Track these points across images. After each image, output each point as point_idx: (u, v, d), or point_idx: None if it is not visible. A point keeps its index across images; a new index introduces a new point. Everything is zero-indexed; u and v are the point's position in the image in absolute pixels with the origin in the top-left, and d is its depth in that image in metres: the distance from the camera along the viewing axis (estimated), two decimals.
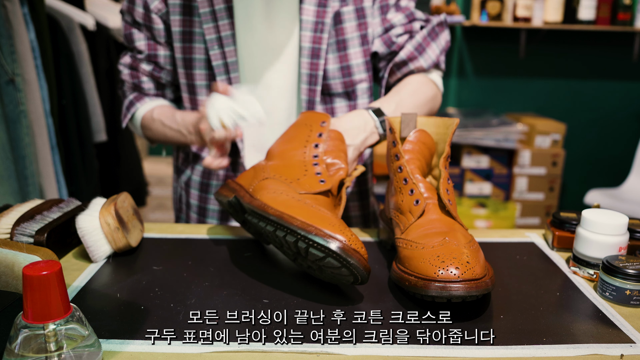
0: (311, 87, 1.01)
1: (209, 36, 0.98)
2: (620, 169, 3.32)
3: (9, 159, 1.28)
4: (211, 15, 0.98)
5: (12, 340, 0.50)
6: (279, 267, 0.78)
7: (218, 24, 0.98)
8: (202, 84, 1.02)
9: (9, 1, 1.28)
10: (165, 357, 0.56)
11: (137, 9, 1.02)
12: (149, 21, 1.02)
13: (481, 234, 0.91)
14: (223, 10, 0.98)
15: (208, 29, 0.98)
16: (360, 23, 1.01)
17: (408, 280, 0.65)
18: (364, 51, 1.02)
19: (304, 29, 0.99)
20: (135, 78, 1.07)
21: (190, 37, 1.00)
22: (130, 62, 1.07)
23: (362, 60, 1.02)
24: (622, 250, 0.73)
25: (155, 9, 1.00)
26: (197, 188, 1.10)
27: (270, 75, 1.02)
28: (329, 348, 0.58)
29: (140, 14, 1.02)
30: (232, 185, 0.82)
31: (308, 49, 0.99)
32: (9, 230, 0.76)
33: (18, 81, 1.29)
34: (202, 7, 0.98)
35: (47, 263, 0.50)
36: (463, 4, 3.16)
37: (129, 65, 1.07)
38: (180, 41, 1.01)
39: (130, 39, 1.05)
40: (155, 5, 1.00)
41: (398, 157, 0.76)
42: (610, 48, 3.22)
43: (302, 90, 1.02)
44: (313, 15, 0.98)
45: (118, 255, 0.80)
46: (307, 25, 0.99)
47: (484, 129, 2.97)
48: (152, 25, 1.02)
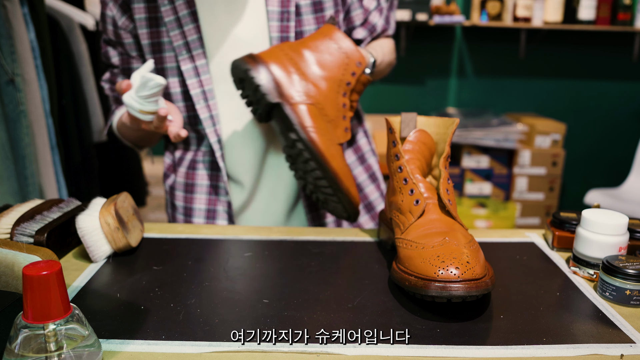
0: None
1: (177, 42, 1.00)
2: (620, 169, 3.33)
3: (9, 159, 1.27)
4: (176, 22, 1.00)
5: (12, 340, 0.50)
6: (279, 267, 0.78)
7: (184, 30, 1.00)
8: (177, 91, 1.03)
9: (9, 1, 1.28)
10: (165, 357, 0.56)
11: (108, 27, 1.05)
12: (119, 37, 1.04)
13: (481, 234, 0.91)
14: (187, 15, 0.99)
15: (175, 36, 1.00)
16: (336, 10, 1.03)
17: (408, 280, 0.65)
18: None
19: (271, 19, 1.00)
20: (114, 91, 1.11)
21: (160, 47, 1.02)
22: (109, 77, 1.11)
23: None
24: (622, 250, 0.73)
25: (123, 25, 1.03)
26: (181, 190, 1.11)
27: None
28: (329, 348, 0.58)
29: (111, 31, 1.05)
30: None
31: (277, 39, 1.00)
32: (9, 230, 0.76)
33: (18, 81, 1.29)
34: (167, 16, 1.00)
35: (47, 263, 0.50)
36: (463, 4, 3.16)
37: (109, 80, 1.11)
38: (150, 52, 1.02)
39: (107, 57, 1.09)
40: (123, 22, 1.03)
41: (398, 157, 0.76)
42: (610, 48, 3.22)
43: None
44: (277, 5, 1.00)
45: (118, 255, 0.80)
46: (274, 15, 1.00)
47: (484, 129, 2.97)
48: (122, 41, 1.05)
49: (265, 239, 0.87)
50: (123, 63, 1.07)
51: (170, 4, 0.99)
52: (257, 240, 0.87)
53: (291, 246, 0.85)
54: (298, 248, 0.84)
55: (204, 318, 0.63)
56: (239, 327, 0.60)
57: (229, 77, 1.01)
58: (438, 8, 2.97)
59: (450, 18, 2.91)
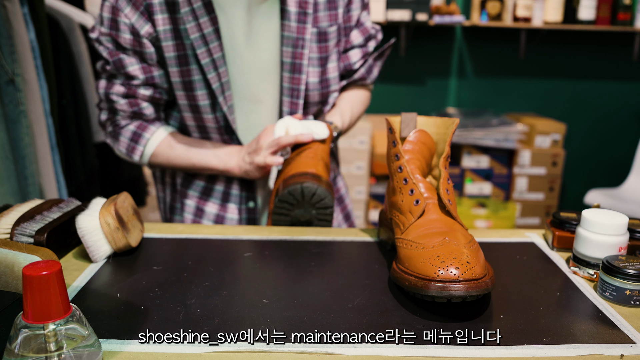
0: (293, 100, 1.04)
1: (204, 60, 0.99)
2: (620, 169, 3.32)
3: (9, 159, 1.27)
4: (202, 40, 0.98)
5: (12, 340, 0.50)
6: (279, 267, 0.78)
7: (209, 47, 0.99)
8: (206, 104, 1.02)
9: (9, 1, 1.28)
10: (165, 357, 0.56)
11: (123, 35, 0.99)
12: (140, 46, 1.00)
13: (481, 234, 0.91)
14: (212, 33, 0.99)
15: (202, 53, 0.99)
16: (338, 40, 1.06)
17: (408, 280, 0.65)
18: (338, 65, 1.09)
19: (286, 45, 1.02)
20: (134, 106, 1.04)
21: (186, 60, 1.00)
22: (126, 91, 1.03)
23: (337, 73, 1.09)
24: (622, 250, 0.73)
25: (146, 34, 0.99)
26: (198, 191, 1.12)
27: (260, 90, 1.05)
28: (329, 348, 0.58)
29: (128, 39, 1.00)
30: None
31: (289, 64, 1.02)
32: (9, 230, 0.76)
33: (18, 81, 1.29)
34: (192, 33, 0.98)
35: (47, 263, 0.50)
36: (463, 4, 3.16)
37: (124, 95, 1.03)
38: (176, 65, 1.00)
39: (121, 65, 1.01)
40: (146, 30, 0.99)
41: (398, 157, 0.76)
42: (610, 48, 3.22)
43: (284, 103, 1.05)
44: (294, 31, 1.01)
45: (118, 255, 0.80)
46: (289, 41, 1.02)
47: (484, 129, 2.97)
48: (143, 49, 1.00)
49: (265, 239, 0.87)
50: (145, 72, 1.02)
51: (195, 20, 0.97)
52: (257, 240, 0.87)
53: (291, 246, 0.85)
54: (298, 248, 0.84)
55: (204, 318, 0.63)
56: (239, 327, 0.60)
57: (243, 96, 1.05)
58: (438, 8, 2.97)
59: (450, 18, 2.91)
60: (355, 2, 1.08)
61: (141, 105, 1.04)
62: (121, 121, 1.06)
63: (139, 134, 1.05)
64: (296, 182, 0.90)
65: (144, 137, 1.05)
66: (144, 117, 1.06)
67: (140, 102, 1.04)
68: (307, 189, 0.90)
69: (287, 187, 0.90)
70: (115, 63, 1.02)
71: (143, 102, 1.04)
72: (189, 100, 1.02)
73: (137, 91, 1.03)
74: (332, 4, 1.04)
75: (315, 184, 0.90)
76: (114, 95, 1.04)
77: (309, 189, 0.90)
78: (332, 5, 1.04)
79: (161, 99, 1.05)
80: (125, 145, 1.06)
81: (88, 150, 1.91)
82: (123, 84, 1.03)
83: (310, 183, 0.90)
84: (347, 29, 1.09)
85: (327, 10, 1.04)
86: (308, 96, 1.06)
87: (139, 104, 1.04)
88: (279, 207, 0.92)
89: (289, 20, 1.01)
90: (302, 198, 0.90)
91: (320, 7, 1.03)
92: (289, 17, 1.01)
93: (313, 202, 0.91)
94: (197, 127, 1.06)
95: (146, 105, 1.05)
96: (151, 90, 1.03)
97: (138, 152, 1.06)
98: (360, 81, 1.15)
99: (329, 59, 1.06)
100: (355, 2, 1.08)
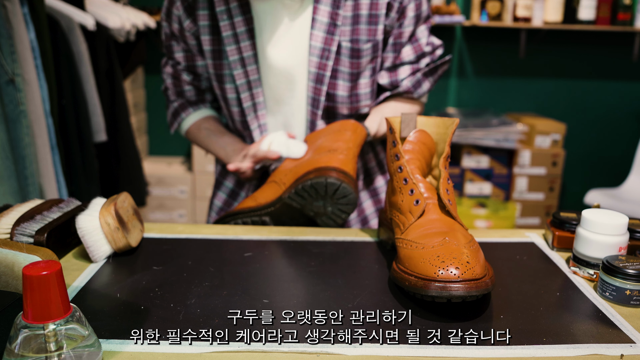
0: (313, 110, 1.06)
1: (232, 57, 1.05)
2: (620, 169, 3.32)
3: (9, 159, 1.27)
4: (233, 38, 1.04)
5: (12, 340, 0.50)
6: (279, 267, 0.78)
7: (240, 46, 1.04)
8: (233, 97, 1.09)
9: (9, 1, 1.28)
10: (165, 357, 0.56)
11: (174, 24, 1.09)
12: (183, 37, 1.09)
13: (481, 234, 0.91)
14: (244, 32, 1.04)
15: (231, 51, 1.04)
16: (374, 57, 1.05)
17: (408, 280, 0.65)
18: (372, 81, 1.07)
19: (312, 54, 1.03)
20: (178, 87, 1.16)
21: (220, 54, 1.06)
22: (172, 72, 1.15)
23: (369, 89, 1.07)
24: (622, 250, 0.73)
25: (187, 27, 1.07)
26: (225, 192, 1.20)
27: (285, 94, 1.08)
28: (329, 348, 0.58)
29: (176, 28, 1.09)
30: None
31: (313, 74, 1.04)
32: (9, 230, 0.76)
33: (18, 81, 1.29)
34: (225, 30, 1.04)
35: (47, 263, 0.50)
36: (463, 4, 3.16)
37: (172, 75, 1.15)
38: (211, 58, 1.07)
39: (170, 50, 1.13)
40: (187, 24, 1.06)
41: (398, 157, 0.76)
42: (610, 48, 3.22)
43: (307, 111, 1.07)
44: (321, 41, 1.02)
45: (118, 255, 0.80)
46: (315, 51, 1.03)
47: (484, 129, 2.97)
48: (186, 40, 1.09)
49: (265, 239, 0.87)
50: (187, 60, 1.12)
51: (229, 19, 1.03)
52: (257, 240, 0.87)
53: (291, 246, 0.85)
54: (298, 248, 0.84)
55: (204, 318, 0.63)
56: (239, 327, 0.60)
57: (271, 96, 1.08)
58: (438, 8, 2.97)
59: (450, 18, 2.91)
60: (408, 18, 1.04)
61: (184, 87, 1.16)
62: (171, 96, 1.19)
63: (178, 113, 1.17)
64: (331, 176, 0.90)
65: (180, 116, 1.17)
66: (185, 97, 1.17)
67: (183, 85, 1.15)
68: (344, 188, 0.90)
69: (322, 177, 0.90)
70: (167, 47, 1.14)
71: (185, 85, 1.15)
72: (221, 91, 1.10)
73: (181, 75, 1.14)
74: (374, 19, 1.02)
75: (345, 183, 0.90)
76: (165, 74, 1.17)
77: (344, 189, 0.90)
78: (373, 20, 1.02)
79: (200, 85, 1.15)
80: (168, 117, 1.21)
81: (88, 150, 1.91)
82: (172, 66, 1.15)
83: (342, 182, 0.90)
84: (397, 45, 1.06)
85: (367, 24, 1.02)
86: (336, 108, 1.06)
87: (182, 86, 1.16)
88: (302, 191, 0.92)
89: (318, 30, 1.02)
90: (331, 193, 0.91)
91: (362, 19, 1.01)
92: (318, 27, 1.02)
93: (336, 197, 0.91)
94: (229, 116, 1.13)
95: (189, 89, 1.16)
96: (192, 76, 1.14)
97: (174, 127, 1.19)
98: (406, 94, 1.09)
99: (361, 75, 1.04)
100: (409, 18, 1.04)
